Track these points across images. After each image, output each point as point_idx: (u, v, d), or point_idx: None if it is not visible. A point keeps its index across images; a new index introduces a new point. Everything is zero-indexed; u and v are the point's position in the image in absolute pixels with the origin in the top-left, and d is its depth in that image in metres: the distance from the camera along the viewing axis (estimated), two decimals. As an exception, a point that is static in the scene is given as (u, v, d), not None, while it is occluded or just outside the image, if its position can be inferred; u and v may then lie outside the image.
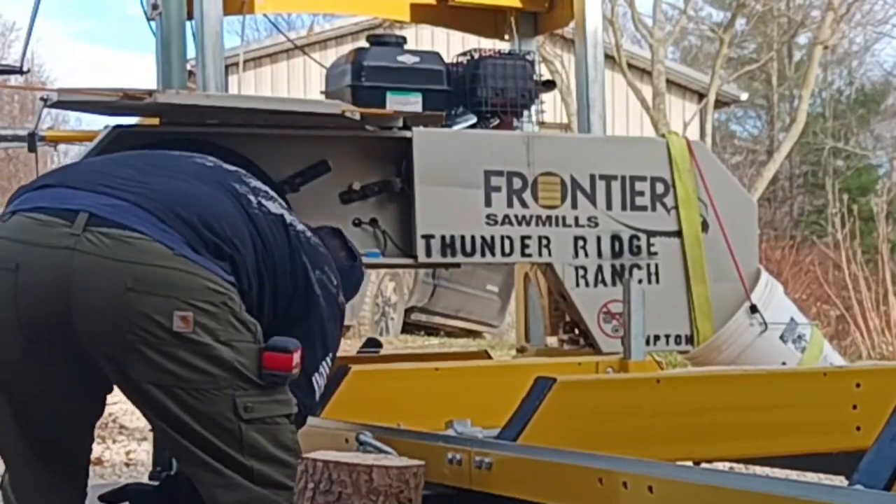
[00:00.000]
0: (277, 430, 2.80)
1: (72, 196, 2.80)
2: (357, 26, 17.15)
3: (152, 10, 4.17)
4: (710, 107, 20.31)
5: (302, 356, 2.83)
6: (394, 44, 4.27)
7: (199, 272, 2.72)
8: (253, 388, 2.75)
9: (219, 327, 2.71)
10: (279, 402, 2.80)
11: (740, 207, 4.46)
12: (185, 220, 2.78)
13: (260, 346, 2.77)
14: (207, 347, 2.70)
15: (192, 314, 2.68)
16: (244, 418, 2.74)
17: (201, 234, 2.79)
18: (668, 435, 3.05)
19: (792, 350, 4.37)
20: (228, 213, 2.88)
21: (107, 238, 2.69)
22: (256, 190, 3.05)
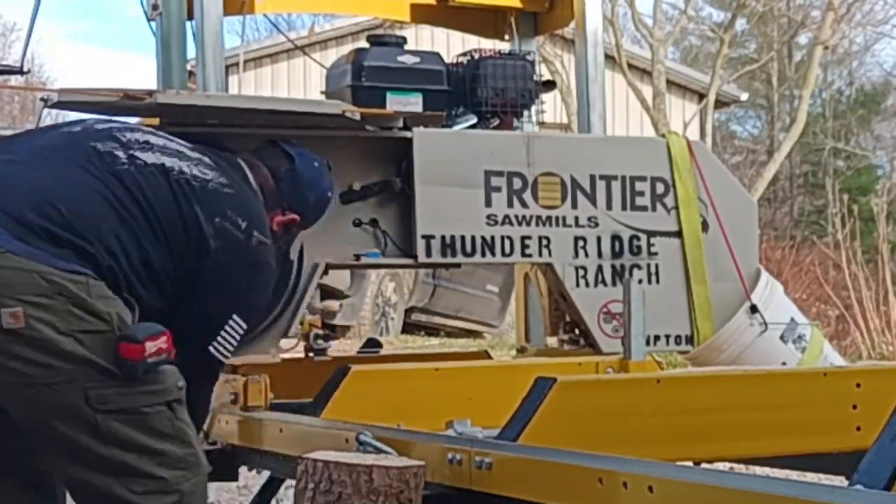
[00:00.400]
0: (148, 418, 2.73)
1: None
2: (357, 26, 17.16)
3: (152, 11, 4.17)
4: (710, 107, 20.33)
5: (168, 341, 2.72)
6: (394, 44, 4.27)
7: (26, 266, 2.65)
8: (108, 378, 2.68)
9: (56, 319, 2.65)
10: (147, 393, 2.72)
11: (740, 207, 4.46)
12: (9, 213, 2.71)
13: (115, 334, 2.69)
14: (46, 341, 2.64)
15: (21, 309, 2.62)
16: (99, 409, 2.67)
17: (31, 224, 2.71)
18: (669, 435, 3.04)
19: (792, 350, 4.37)
20: (72, 193, 2.78)
21: None
22: (129, 143, 2.95)
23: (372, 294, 13.36)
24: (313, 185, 3.46)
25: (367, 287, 13.15)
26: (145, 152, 2.96)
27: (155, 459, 2.74)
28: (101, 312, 2.70)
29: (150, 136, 3.04)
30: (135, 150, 2.96)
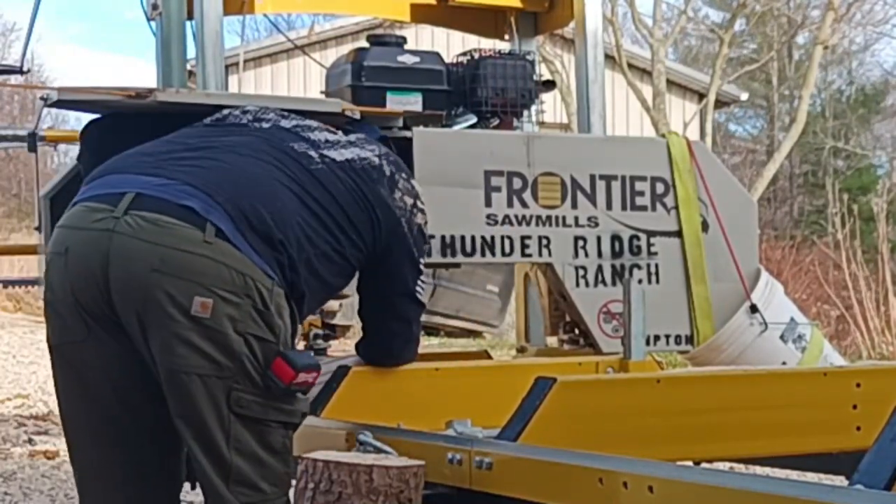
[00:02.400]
0: (267, 431, 2.81)
1: (122, 180, 2.87)
2: (357, 26, 17.17)
3: (152, 11, 4.17)
4: (710, 107, 20.33)
5: (315, 378, 2.84)
6: (394, 44, 4.27)
7: (228, 262, 2.74)
8: (253, 386, 2.76)
9: (238, 317, 2.73)
10: (278, 409, 2.81)
11: (740, 207, 4.46)
12: (235, 205, 2.81)
13: (278, 349, 2.78)
14: (221, 335, 2.72)
15: (212, 301, 2.71)
16: (235, 411, 2.75)
17: (250, 221, 2.81)
18: (669, 435, 3.05)
19: (792, 350, 4.36)
20: (274, 193, 2.92)
21: (143, 220, 2.75)
22: (317, 143, 3.14)
23: (372, 294, 13.34)
24: None
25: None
26: (331, 150, 3.15)
27: (261, 471, 2.81)
28: (275, 325, 2.79)
29: (327, 133, 3.25)
30: (323, 149, 3.14)
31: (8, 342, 12.96)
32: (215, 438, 2.76)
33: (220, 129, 3.18)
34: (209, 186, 2.83)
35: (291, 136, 3.14)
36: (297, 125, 3.22)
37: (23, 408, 9.48)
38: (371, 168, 3.19)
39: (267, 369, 2.76)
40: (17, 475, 6.87)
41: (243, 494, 2.79)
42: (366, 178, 3.16)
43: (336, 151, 3.15)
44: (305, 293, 2.93)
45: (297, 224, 2.91)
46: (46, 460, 7.18)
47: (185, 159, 2.94)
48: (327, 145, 3.16)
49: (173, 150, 3.02)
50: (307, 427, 3.21)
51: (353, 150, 3.21)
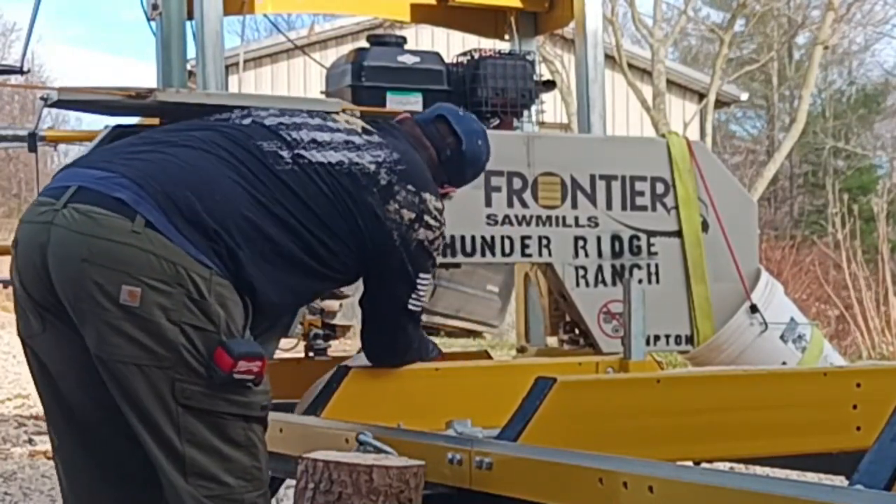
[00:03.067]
0: (224, 423, 2.78)
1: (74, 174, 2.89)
2: (357, 26, 17.17)
3: (152, 11, 4.17)
4: (710, 107, 20.32)
5: (262, 367, 2.80)
6: (394, 44, 4.27)
7: (157, 251, 2.74)
8: (195, 376, 2.74)
9: (171, 306, 2.72)
10: (229, 401, 2.78)
11: (740, 207, 4.46)
12: (167, 195, 2.80)
13: (220, 338, 2.75)
14: (153, 324, 2.71)
15: (140, 290, 2.71)
16: (181, 403, 2.74)
17: (180, 206, 2.80)
18: (669, 435, 3.04)
19: (792, 350, 4.37)
20: (215, 189, 2.88)
21: (77, 213, 2.77)
22: (295, 142, 3.07)
23: (372, 294, 13.34)
24: (475, 162, 3.58)
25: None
26: (310, 151, 3.08)
27: (223, 465, 2.79)
28: (213, 314, 2.76)
29: (316, 132, 3.15)
30: (300, 149, 3.07)
31: (8, 342, 12.95)
32: (164, 430, 2.74)
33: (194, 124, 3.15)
34: (143, 178, 2.83)
35: (268, 133, 3.08)
36: (282, 123, 3.14)
37: (23, 408, 9.48)
38: (361, 174, 3.10)
39: (210, 360, 2.74)
40: (17, 475, 6.87)
41: (204, 487, 2.76)
42: (351, 183, 3.08)
43: (321, 153, 3.08)
44: (257, 288, 2.88)
45: (241, 217, 2.87)
46: (46, 460, 7.18)
47: (137, 153, 2.95)
48: (312, 146, 3.09)
49: (135, 144, 3.03)
50: (307, 427, 3.21)
51: (348, 153, 3.13)
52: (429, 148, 3.43)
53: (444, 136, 3.48)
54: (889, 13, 26.26)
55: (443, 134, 3.48)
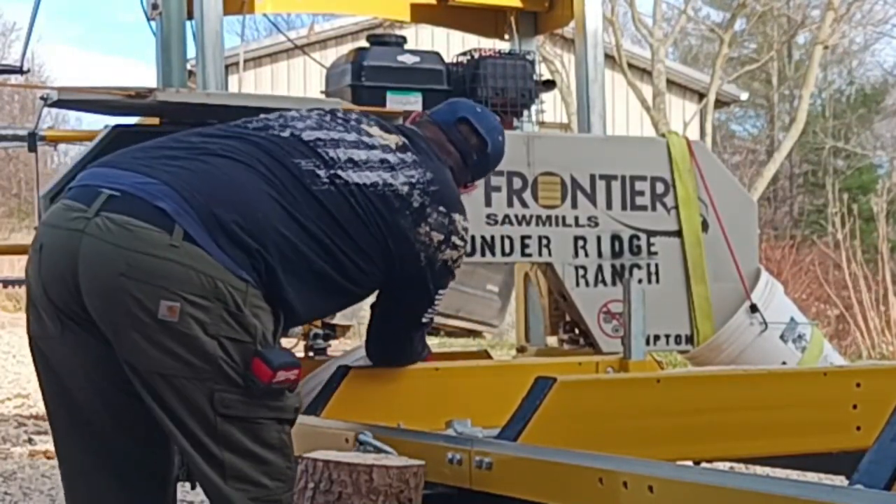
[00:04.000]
0: (259, 428, 2.81)
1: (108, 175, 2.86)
2: (357, 26, 17.16)
3: (152, 10, 4.17)
4: (710, 106, 20.32)
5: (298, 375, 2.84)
6: (394, 44, 4.27)
7: (196, 265, 2.74)
8: (233, 386, 2.76)
9: (208, 320, 2.73)
10: (267, 406, 2.81)
11: (740, 207, 4.46)
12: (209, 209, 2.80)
13: (256, 349, 2.78)
14: (192, 339, 2.72)
15: (179, 305, 2.71)
16: (220, 412, 2.76)
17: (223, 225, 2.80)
18: (669, 435, 3.04)
19: (792, 350, 4.37)
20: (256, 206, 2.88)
21: (111, 223, 2.75)
22: (333, 162, 3.06)
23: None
24: (498, 158, 3.59)
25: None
26: (347, 171, 3.06)
27: (261, 468, 2.81)
28: (249, 325, 2.78)
29: (353, 150, 3.13)
30: (337, 169, 3.06)
31: (8, 342, 12.96)
32: (202, 439, 2.76)
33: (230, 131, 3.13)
34: (186, 189, 2.81)
35: (307, 151, 3.06)
36: (320, 139, 3.12)
37: (23, 408, 9.48)
38: (394, 197, 3.10)
39: (246, 370, 2.76)
40: (17, 475, 6.87)
41: (244, 490, 2.79)
42: (384, 206, 3.08)
43: (356, 174, 3.07)
44: (291, 305, 2.91)
45: (279, 235, 2.89)
46: (46, 460, 7.18)
47: (177, 159, 2.93)
48: (348, 165, 3.08)
49: (171, 148, 3.00)
50: (307, 427, 3.21)
51: (382, 174, 3.12)
52: (453, 154, 3.43)
53: (468, 138, 3.47)
54: (889, 13, 26.26)
55: (466, 137, 3.47)
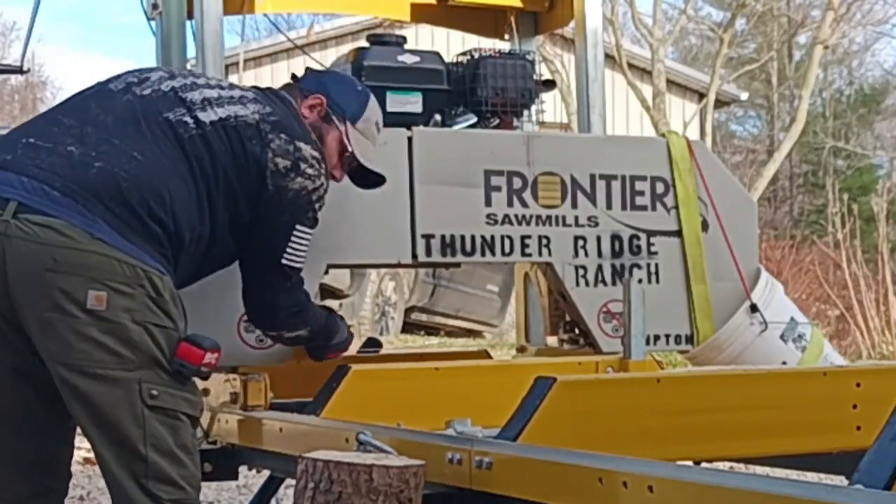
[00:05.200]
0: (179, 427, 2.86)
1: (4, 181, 2.86)
2: (357, 26, 17.17)
3: (152, 10, 4.17)
4: (710, 106, 20.33)
5: (218, 359, 2.90)
6: (394, 43, 4.26)
7: (117, 255, 2.80)
8: (161, 374, 2.82)
9: (134, 307, 2.79)
10: (187, 400, 2.88)
11: (740, 207, 4.46)
12: (108, 207, 2.84)
13: (179, 335, 2.85)
14: (120, 327, 2.78)
15: (106, 294, 2.77)
16: (148, 404, 2.80)
17: (125, 217, 2.85)
18: (669, 435, 3.04)
19: (792, 349, 4.36)
20: (154, 175, 2.92)
21: (32, 224, 2.79)
22: (193, 105, 3.10)
23: (372, 293, 13.35)
24: (332, 74, 3.60)
25: (367, 286, 13.16)
26: (205, 111, 3.11)
27: (179, 470, 2.86)
28: (170, 312, 2.85)
29: (205, 90, 3.17)
30: (197, 111, 3.10)
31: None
32: (130, 435, 2.80)
33: (95, 103, 3.09)
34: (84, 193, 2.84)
35: (169, 101, 3.09)
36: (177, 85, 3.15)
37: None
38: (245, 126, 3.14)
39: (173, 356, 2.83)
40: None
41: (165, 491, 2.83)
42: (237, 137, 3.12)
43: (212, 111, 3.11)
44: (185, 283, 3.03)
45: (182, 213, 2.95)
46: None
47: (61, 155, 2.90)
48: (204, 105, 3.12)
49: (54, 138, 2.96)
50: (307, 427, 3.21)
51: (232, 107, 3.16)
52: (293, 87, 3.45)
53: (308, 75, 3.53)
54: (888, 13, 26.28)
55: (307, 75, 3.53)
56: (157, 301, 2.82)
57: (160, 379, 2.82)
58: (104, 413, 2.80)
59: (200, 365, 2.85)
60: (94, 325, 2.76)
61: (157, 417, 2.81)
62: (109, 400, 2.79)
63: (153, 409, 2.80)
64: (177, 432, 2.85)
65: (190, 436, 2.89)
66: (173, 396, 2.84)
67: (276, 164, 3.15)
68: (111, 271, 2.78)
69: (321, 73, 3.59)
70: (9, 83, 25.08)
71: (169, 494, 2.83)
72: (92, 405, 2.80)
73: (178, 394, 2.85)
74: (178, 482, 2.84)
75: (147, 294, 2.81)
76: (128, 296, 2.79)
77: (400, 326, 13.96)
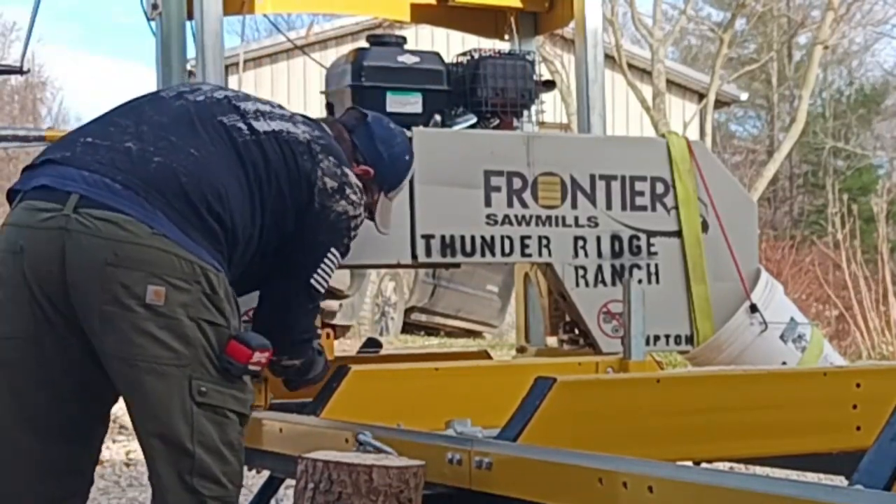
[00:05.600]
0: (226, 424, 2.87)
1: (66, 175, 2.89)
2: (357, 26, 17.17)
3: (152, 10, 4.17)
4: (710, 107, 20.33)
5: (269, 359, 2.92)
6: (394, 44, 4.26)
7: (176, 251, 2.82)
8: (211, 370, 2.83)
9: (190, 303, 2.81)
10: (235, 398, 2.88)
11: (740, 207, 4.46)
12: (168, 201, 2.87)
13: (230, 332, 2.86)
14: (177, 322, 2.79)
15: (164, 289, 2.79)
16: (197, 401, 2.81)
17: (185, 212, 2.88)
18: (668, 435, 3.04)
19: (792, 350, 4.36)
20: (212, 174, 2.96)
21: (94, 218, 2.81)
22: (246, 113, 3.15)
23: (372, 294, 13.35)
24: (386, 140, 3.56)
25: (367, 287, 13.15)
26: (259, 121, 3.15)
27: (223, 467, 2.87)
28: (224, 309, 2.87)
29: (258, 103, 3.24)
30: (251, 119, 3.15)
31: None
32: (179, 431, 2.81)
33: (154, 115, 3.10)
34: (147, 191, 2.86)
35: (222, 107, 3.13)
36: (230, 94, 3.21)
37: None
38: (296, 142, 3.18)
39: (222, 353, 2.84)
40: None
41: (207, 489, 2.83)
42: (289, 150, 3.16)
43: (265, 122, 3.16)
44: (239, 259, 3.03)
45: (238, 213, 2.98)
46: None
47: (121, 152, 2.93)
48: (258, 114, 3.17)
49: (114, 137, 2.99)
50: (307, 427, 3.21)
51: (283, 123, 3.21)
52: (337, 124, 3.50)
53: (353, 116, 3.56)
54: (888, 13, 26.27)
55: (351, 115, 3.57)
56: (211, 298, 2.84)
57: (210, 376, 2.83)
58: (156, 407, 2.81)
59: (248, 363, 2.86)
60: (153, 321, 2.78)
61: (204, 414, 2.82)
62: (161, 394, 2.80)
63: (202, 405, 2.82)
64: (223, 429, 2.86)
65: (236, 433, 2.89)
66: (221, 394, 2.85)
67: (325, 183, 3.19)
68: (170, 266, 2.80)
69: (374, 134, 3.53)
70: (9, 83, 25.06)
71: (211, 491, 2.84)
72: (145, 399, 2.81)
73: (226, 391, 2.85)
74: (221, 479, 2.85)
75: (203, 290, 2.83)
76: (185, 291, 2.80)
77: (400, 327, 13.96)
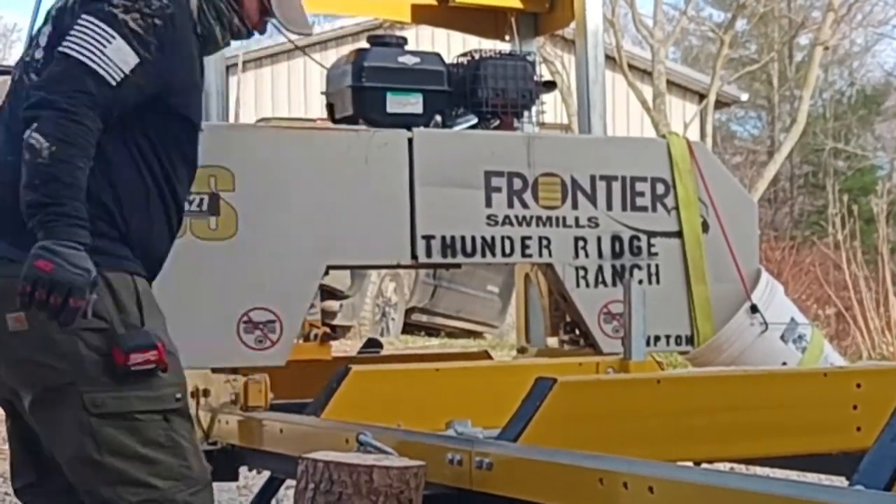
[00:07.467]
0: (141, 426, 2.73)
1: None
2: (358, 27, 17.17)
3: (153, 11, 4.16)
4: (710, 107, 20.33)
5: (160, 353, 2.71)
6: (394, 44, 4.26)
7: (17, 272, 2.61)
8: (99, 382, 2.69)
9: None
10: (141, 398, 2.73)
11: (741, 208, 4.46)
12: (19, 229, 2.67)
13: (116, 332, 2.70)
14: (48, 341, 2.66)
15: (24, 314, 2.65)
16: (93, 412, 2.69)
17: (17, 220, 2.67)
18: (669, 435, 3.04)
19: (792, 350, 4.37)
20: None
21: None
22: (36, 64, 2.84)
23: (372, 294, 13.34)
24: None
25: (368, 287, 13.14)
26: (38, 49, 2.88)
27: (149, 469, 2.75)
28: (101, 311, 2.68)
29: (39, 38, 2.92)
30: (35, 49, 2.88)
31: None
32: (85, 447, 2.71)
33: None
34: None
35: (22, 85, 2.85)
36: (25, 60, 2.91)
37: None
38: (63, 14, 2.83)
39: (115, 361, 2.69)
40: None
41: (133, 493, 2.73)
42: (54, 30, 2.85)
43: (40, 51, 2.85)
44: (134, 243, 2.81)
45: None
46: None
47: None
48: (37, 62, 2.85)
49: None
50: (307, 427, 3.22)
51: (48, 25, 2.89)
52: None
53: None
54: (889, 14, 26.29)
55: None
56: None
57: (100, 384, 2.69)
58: (55, 430, 2.74)
59: (126, 366, 2.68)
60: (25, 346, 2.68)
61: (109, 423, 2.70)
62: (56, 416, 2.72)
63: (101, 416, 2.69)
64: (139, 433, 2.72)
65: (162, 429, 2.74)
66: (121, 399, 2.70)
67: None
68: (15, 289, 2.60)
69: None
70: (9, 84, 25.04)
71: (137, 496, 2.73)
72: (43, 424, 2.76)
73: (128, 395, 2.70)
74: (148, 481, 2.73)
75: None
76: None
77: (400, 327, 13.94)
